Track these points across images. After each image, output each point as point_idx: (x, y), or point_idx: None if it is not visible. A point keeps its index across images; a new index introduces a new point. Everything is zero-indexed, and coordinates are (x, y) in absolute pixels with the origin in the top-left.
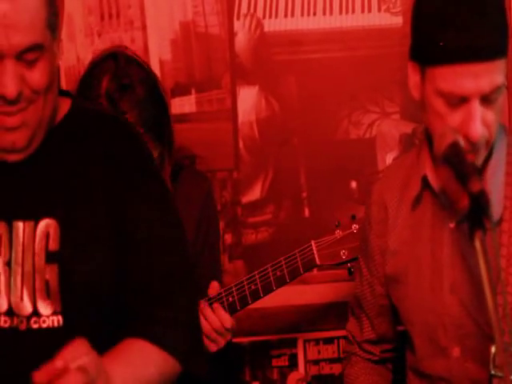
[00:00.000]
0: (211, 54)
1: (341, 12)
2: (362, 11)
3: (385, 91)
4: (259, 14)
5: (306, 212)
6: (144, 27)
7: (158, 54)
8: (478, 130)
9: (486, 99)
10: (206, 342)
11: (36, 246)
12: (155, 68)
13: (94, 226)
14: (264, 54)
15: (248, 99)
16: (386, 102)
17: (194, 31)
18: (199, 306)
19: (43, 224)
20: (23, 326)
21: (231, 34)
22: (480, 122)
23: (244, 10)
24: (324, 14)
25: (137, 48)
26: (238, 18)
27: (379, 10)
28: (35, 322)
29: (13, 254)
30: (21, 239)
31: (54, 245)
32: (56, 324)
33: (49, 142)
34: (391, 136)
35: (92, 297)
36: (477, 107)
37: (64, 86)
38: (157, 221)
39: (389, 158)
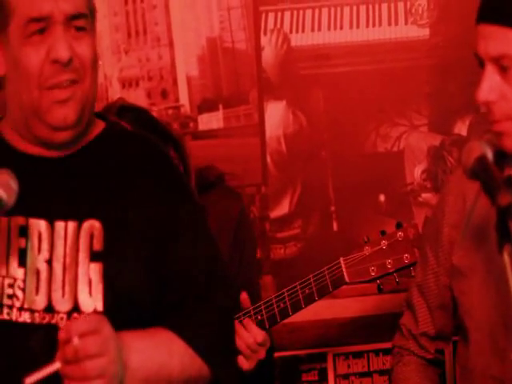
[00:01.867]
0: (238, 69)
1: (368, 25)
2: (389, 24)
3: (412, 104)
4: (286, 28)
5: (335, 226)
6: (171, 44)
7: (185, 71)
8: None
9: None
10: (240, 359)
11: (80, 245)
12: (182, 84)
13: (135, 230)
14: (291, 68)
15: (275, 114)
16: (413, 115)
17: (221, 47)
18: None
19: (87, 224)
20: (63, 324)
21: (258, 49)
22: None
23: (271, 25)
24: (351, 27)
25: (164, 64)
26: (265, 33)
27: (406, 22)
28: (76, 319)
29: (54, 253)
30: (63, 238)
31: (98, 245)
32: None
33: (89, 150)
34: (419, 149)
35: (133, 297)
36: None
37: None
38: (194, 236)
39: (417, 171)
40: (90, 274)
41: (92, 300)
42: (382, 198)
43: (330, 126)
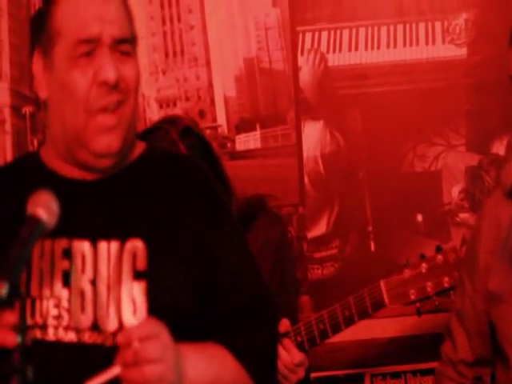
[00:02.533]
0: (275, 89)
1: (405, 45)
2: (427, 43)
3: (450, 123)
4: (323, 48)
5: (372, 246)
6: (208, 64)
7: (223, 91)
8: None
9: None
10: (279, 378)
11: (124, 265)
12: (219, 104)
13: (178, 248)
14: (328, 88)
15: (313, 134)
16: (451, 135)
17: (258, 67)
18: None
19: (130, 244)
20: (109, 342)
21: (295, 69)
22: None
23: (308, 45)
24: (388, 47)
25: (201, 85)
26: (302, 53)
27: (443, 41)
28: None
29: (98, 273)
30: (106, 258)
31: (141, 264)
32: None
33: (129, 171)
34: (457, 168)
35: (177, 316)
36: None
37: None
38: (239, 252)
39: (455, 191)
40: (134, 293)
41: (136, 319)
42: (419, 217)
43: (367, 145)
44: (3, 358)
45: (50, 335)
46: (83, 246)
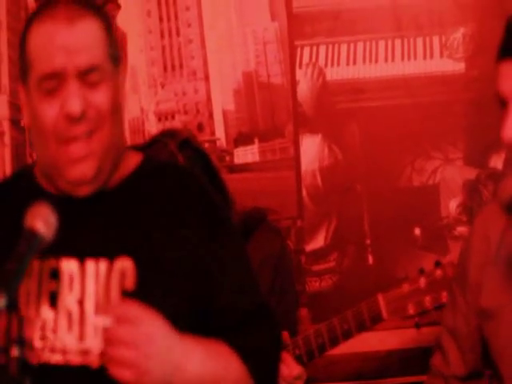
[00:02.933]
0: (274, 103)
1: (403, 59)
2: (424, 58)
3: (448, 137)
4: (321, 62)
5: (370, 259)
6: (207, 78)
7: (221, 104)
8: None
9: None
10: None
11: (112, 285)
12: (218, 118)
13: (169, 269)
14: (326, 102)
15: (311, 148)
16: (449, 148)
17: (257, 81)
18: None
19: (119, 263)
20: (96, 364)
21: (293, 83)
22: None
23: (306, 59)
24: (386, 61)
25: (200, 98)
26: (301, 67)
27: (441, 55)
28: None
29: (85, 292)
30: (94, 278)
31: (129, 284)
32: None
33: (121, 186)
34: (455, 182)
35: None
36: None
37: (128, 136)
38: (236, 267)
39: (452, 205)
40: None
41: None
42: (417, 231)
43: (365, 159)
44: (1, 370)
45: (35, 358)
46: (71, 266)
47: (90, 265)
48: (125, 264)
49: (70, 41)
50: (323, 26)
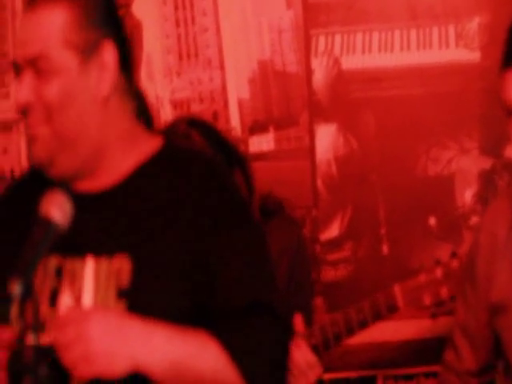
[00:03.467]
0: (289, 91)
1: (418, 48)
2: (440, 47)
3: (463, 127)
4: (336, 51)
5: (385, 249)
6: (222, 66)
7: (236, 93)
8: None
9: None
10: (290, 378)
11: (108, 283)
12: (233, 107)
13: (168, 266)
14: (342, 91)
15: (326, 137)
16: (464, 138)
17: (272, 69)
18: None
19: (116, 260)
20: None
21: (309, 71)
22: None
23: (321, 47)
24: (401, 50)
25: (215, 87)
26: (316, 56)
27: (457, 45)
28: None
29: (85, 291)
30: (93, 275)
31: (124, 281)
32: None
33: (134, 175)
34: (470, 172)
35: None
36: None
37: None
38: (237, 260)
39: (468, 195)
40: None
41: None
42: (432, 221)
43: (380, 149)
44: (16, 357)
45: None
46: (74, 263)
47: (91, 262)
48: (122, 261)
49: (24, 30)
50: (338, 15)
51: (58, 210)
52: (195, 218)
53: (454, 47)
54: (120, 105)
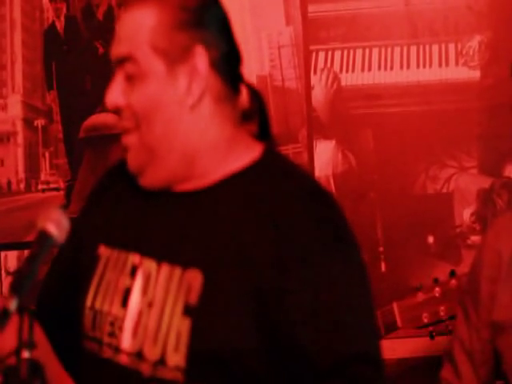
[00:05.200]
0: (288, 107)
1: (418, 66)
2: (440, 65)
3: (462, 145)
4: (336, 68)
5: (383, 267)
6: None
7: None
8: None
9: None
10: None
11: (178, 295)
12: None
13: (239, 289)
14: (341, 108)
15: (325, 153)
16: (463, 157)
17: (271, 85)
18: None
19: (189, 274)
20: (148, 372)
21: (308, 87)
22: None
23: (321, 64)
24: (401, 68)
25: None
26: (315, 72)
27: (457, 63)
28: (160, 371)
29: (156, 297)
30: (166, 283)
31: (193, 298)
32: (177, 378)
33: (220, 186)
34: (469, 191)
35: (219, 360)
36: None
37: None
38: (329, 299)
39: (466, 213)
40: (180, 327)
41: (177, 355)
42: (430, 239)
43: (379, 166)
44: (11, 372)
45: (103, 353)
46: (150, 266)
47: (165, 270)
48: (194, 276)
49: (117, 29)
50: (338, 32)
51: (54, 225)
52: (279, 245)
53: (453, 65)
54: (215, 112)
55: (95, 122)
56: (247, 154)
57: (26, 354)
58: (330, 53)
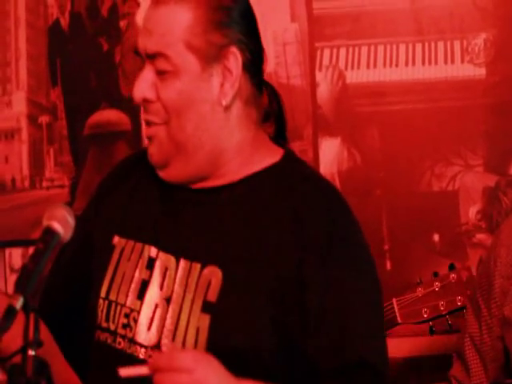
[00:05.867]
0: (293, 105)
1: (423, 63)
2: (445, 62)
3: (468, 143)
4: (341, 65)
5: (388, 264)
6: None
7: None
8: None
9: None
10: None
11: (196, 292)
12: None
13: (258, 287)
14: (346, 105)
15: (330, 151)
16: (469, 155)
17: (276, 82)
18: None
19: (208, 271)
20: None
21: (313, 85)
22: None
23: (326, 61)
24: (406, 65)
25: None
26: (320, 69)
27: (462, 61)
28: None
29: (174, 292)
30: (184, 280)
31: (212, 295)
32: None
33: (239, 187)
34: (474, 189)
35: (237, 357)
36: None
37: None
38: (348, 316)
39: (472, 211)
40: (199, 323)
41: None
42: (436, 237)
43: (384, 163)
44: (17, 371)
45: (117, 344)
46: (168, 261)
47: (184, 266)
48: (213, 273)
49: (148, 23)
50: (344, 29)
51: (60, 223)
52: (297, 246)
53: (459, 63)
54: (243, 113)
55: (100, 119)
56: (269, 157)
57: (31, 352)
58: (335, 50)
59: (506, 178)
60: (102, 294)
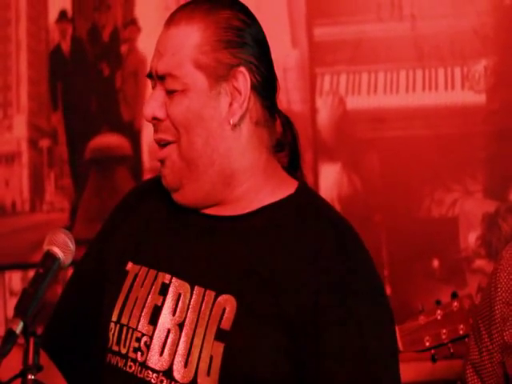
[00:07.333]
0: None
1: (424, 89)
2: (446, 89)
3: (468, 169)
4: (341, 91)
5: (388, 290)
6: None
7: None
8: None
9: None
10: None
11: (210, 319)
12: None
13: (272, 316)
14: (346, 131)
15: (330, 176)
16: (468, 181)
17: None
18: None
19: (222, 299)
20: None
21: (313, 110)
22: None
23: (326, 87)
24: (407, 91)
25: None
26: (321, 95)
27: (462, 87)
28: None
29: (187, 318)
30: (198, 307)
31: (226, 323)
32: None
33: (254, 216)
34: (474, 215)
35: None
36: None
37: None
38: (354, 353)
39: (471, 238)
40: (213, 351)
41: (209, 379)
42: (435, 263)
43: (384, 189)
44: None
45: (128, 367)
46: (182, 287)
47: (198, 293)
48: (228, 302)
49: (160, 45)
50: (344, 55)
51: (61, 248)
52: (313, 279)
53: (459, 89)
54: (253, 135)
55: (100, 143)
56: (284, 188)
57: (31, 376)
58: (335, 76)
59: (506, 204)
60: (114, 317)
